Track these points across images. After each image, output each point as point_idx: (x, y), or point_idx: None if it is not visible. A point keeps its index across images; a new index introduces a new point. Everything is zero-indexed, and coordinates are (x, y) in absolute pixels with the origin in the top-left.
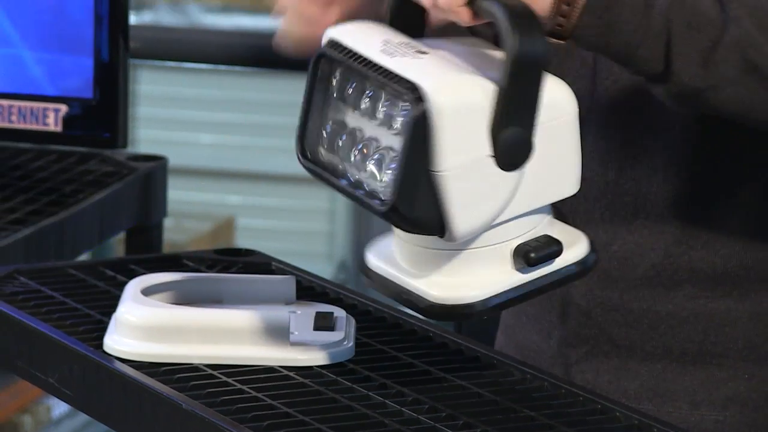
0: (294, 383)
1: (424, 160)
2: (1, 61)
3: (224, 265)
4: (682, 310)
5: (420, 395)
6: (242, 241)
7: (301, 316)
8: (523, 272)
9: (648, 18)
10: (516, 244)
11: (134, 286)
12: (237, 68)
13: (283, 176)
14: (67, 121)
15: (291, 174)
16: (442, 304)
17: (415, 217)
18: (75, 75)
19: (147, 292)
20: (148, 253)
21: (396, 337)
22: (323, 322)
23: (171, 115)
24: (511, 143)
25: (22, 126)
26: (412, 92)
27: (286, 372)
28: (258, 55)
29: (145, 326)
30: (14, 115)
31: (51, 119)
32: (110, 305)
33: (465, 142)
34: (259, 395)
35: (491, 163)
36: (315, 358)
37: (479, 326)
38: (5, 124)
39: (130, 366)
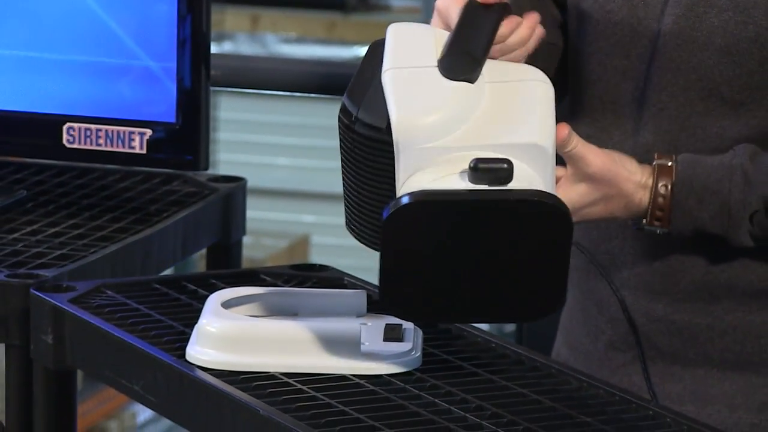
0: (364, 391)
1: (376, 71)
2: (89, 88)
3: (299, 280)
4: (720, 322)
5: (483, 402)
6: (316, 258)
7: (372, 328)
8: (471, 183)
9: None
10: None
11: (215, 300)
12: (311, 95)
13: None
14: (152, 144)
15: None
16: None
17: (364, 115)
18: (159, 101)
19: (227, 305)
20: (227, 268)
21: (460, 348)
22: (392, 334)
23: (249, 139)
24: (457, 55)
25: (109, 149)
26: None
27: (357, 380)
28: (330, 82)
29: (225, 337)
30: (102, 139)
31: (136, 142)
32: (192, 317)
33: (410, 55)
34: (332, 402)
35: (435, 71)
36: (384, 367)
37: (539, 337)
38: (93, 147)
39: (211, 374)
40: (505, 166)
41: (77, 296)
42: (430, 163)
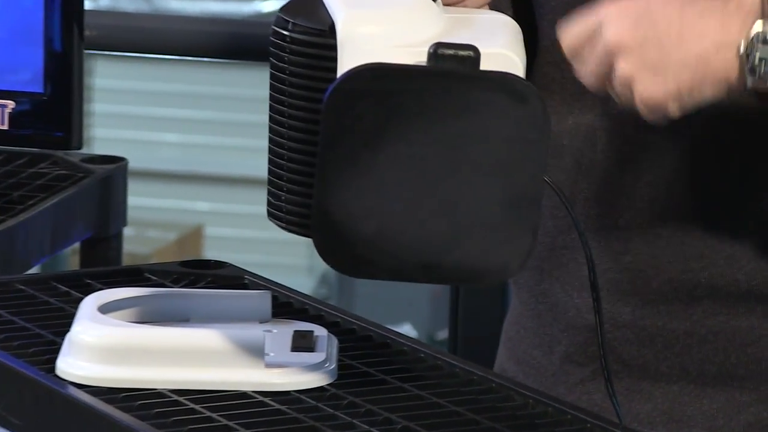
0: (269, 410)
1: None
2: None
3: (191, 279)
4: (700, 327)
5: (410, 422)
6: (211, 252)
7: (278, 336)
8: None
9: None
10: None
11: (90, 303)
12: (206, 60)
13: (257, 180)
14: (15, 118)
15: (266, 177)
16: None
17: (303, 21)
18: (23, 67)
19: (105, 309)
20: (105, 266)
21: (383, 359)
22: (302, 342)
23: (131, 111)
24: None
25: None
26: None
27: (260, 398)
28: (229, 45)
29: (103, 347)
30: None
31: None
32: (64, 324)
33: None
34: (231, 423)
35: None
36: (293, 381)
37: (475, 345)
38: None
39: (87, 392)
40: (471, 53)
41: None
42: None
